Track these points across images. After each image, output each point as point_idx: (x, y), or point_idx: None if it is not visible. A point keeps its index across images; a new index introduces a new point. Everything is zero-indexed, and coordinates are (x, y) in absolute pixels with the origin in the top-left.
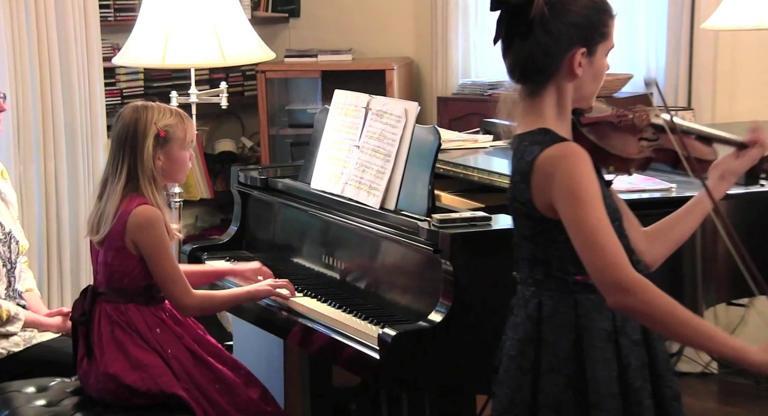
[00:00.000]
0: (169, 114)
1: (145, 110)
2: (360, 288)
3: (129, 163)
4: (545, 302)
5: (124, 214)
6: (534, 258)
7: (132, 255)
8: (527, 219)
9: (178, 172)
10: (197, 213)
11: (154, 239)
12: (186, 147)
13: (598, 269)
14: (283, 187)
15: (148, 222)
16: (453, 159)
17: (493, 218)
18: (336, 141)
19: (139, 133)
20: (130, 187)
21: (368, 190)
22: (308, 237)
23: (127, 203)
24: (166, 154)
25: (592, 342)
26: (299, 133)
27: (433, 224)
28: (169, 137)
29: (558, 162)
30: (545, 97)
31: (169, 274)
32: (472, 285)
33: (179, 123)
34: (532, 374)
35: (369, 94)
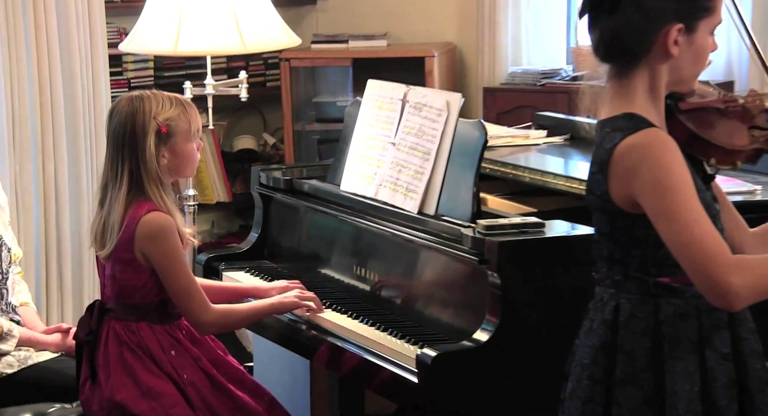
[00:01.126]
0: (168, 104)
1: (141, 102)
2: (396, 303)
3: (130, 165)
4: (623, 306)
5: (132, 223)
6: (611, 257)
7: (143, 268)
8: (603, 213)
9: (186, 167)
10: (213, 218)
11: (167, 250)
12: (192, 138)
13: (696, 268)
14: (309, 189)
15: (159, 231)
16: (501, 157)
17: (546, 224)
18: (369, 137)
19: (138, 131)
20: (135, 193)
21: (405, 192)
22: (338, 245)
23: (134, 211)
24: (170, 151)
25: (672, 352)
26: (327, 129)
27: (478, 231)
28: (171, 131)
29: (642, 151)
30: (635, 79)
31: (185, 288)
32: (523, 300)
33: (181, 113)
34: (605, 384)
35: (406, 85)
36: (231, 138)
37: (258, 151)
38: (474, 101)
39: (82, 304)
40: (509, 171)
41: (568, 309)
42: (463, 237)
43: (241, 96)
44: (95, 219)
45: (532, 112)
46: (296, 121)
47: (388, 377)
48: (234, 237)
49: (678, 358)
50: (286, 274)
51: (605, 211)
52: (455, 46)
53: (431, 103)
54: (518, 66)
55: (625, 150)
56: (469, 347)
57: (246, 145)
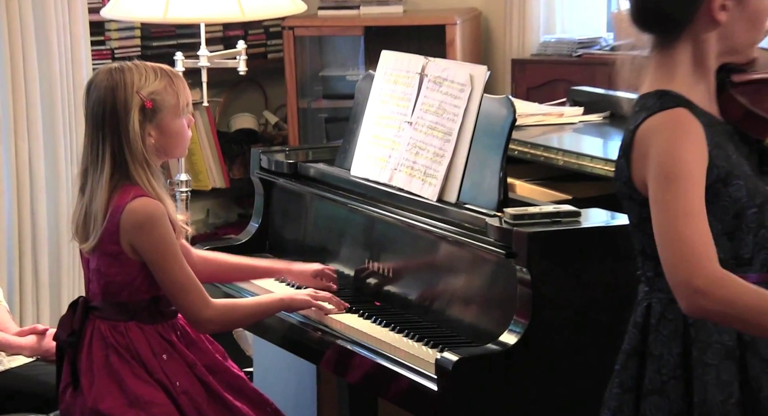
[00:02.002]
0: (153, 75)
1: (121, 75)
2: (412, 301)
3: (112, 145)
4: (654, 306)
5: (117, 212)
6: (643, 251)
7: (131, 262)
8: (631, 202)
9: (176, 146)
10: (209, 206)
11: (158, 240)
12: (181, 114)
13: (669, 264)
14: (316, 173)
15: (148, 219)
16: (531, 138)
17: (582, 213)
18: (383, 116)
19: (119, 107)
20: (119, 176)
21: (423, 177)
22: (347, 237)
23: (118, 197)
24: (157, 128)
25: (702, 358)
26: (336, 106)
27: (505, 220)
28: (157, 106)
29: (656, 133)
30: (677, 50)
31: (181, 282)
32: (556, 298)
33: (168, 85)
34: (634, 393)
35: (425, 56)
36: (228, 116)
37: (258, 131)
38: (501, 75)
39: (60, 303)
40: (540, 153)
41: (607, 309)
42: (488, 228)
43: (239, 69)
44: (76, 207)
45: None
46: (301, 98)
47: (404, 384)
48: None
49: (708, 366)
50: None
51: (632, 200)
52: (480, 13)
53: (453, 77)
54: (551, 34)
55: (644, 132)
56: (495, 351)
57: (245, 125)
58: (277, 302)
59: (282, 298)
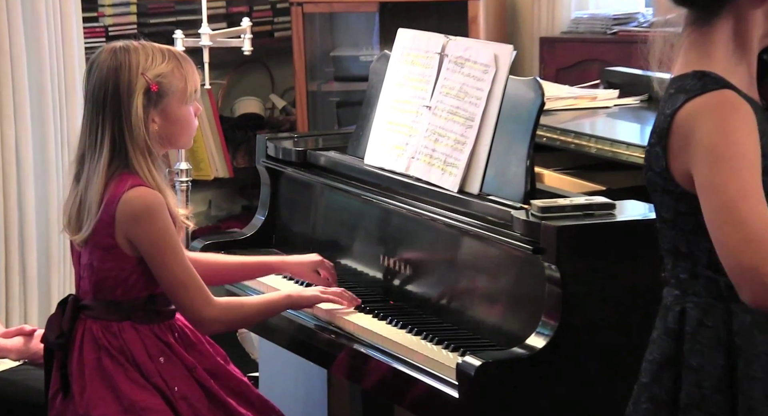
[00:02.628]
0: (160, 57)
1: (126, 55)
2: (431, 300)
3: (112, 130)
4: (690, 312)
5: (112, 201)
6: (676, 250)
7: (127, 257)
8: (665, 195)
9: (182, 134)
10: (210, 197)
11: (156, 233)
12: (188, 100)
13: (730, 249)
14: (326, 162)
15: (146, 210)
16: (561, 124)
17: (617, 205)
18: (399, 100)
19: (122, 89)
20: (118, 164)
21: (443, 166)
22: (361, 231)
23: (115, 186)
24: (162, 114)
25: (749, 370)
26: (349, 89)
27: (532, 213)
28: (164, 91)
29: (703, 115)
30: (716, 27)
31: (181, 279)
32: (588, 297)
33: (176, 69)
34: (668, 409)
35: (445, 35)
36: (231, 100)
37: (264, 116)
38: (528, 54)
39: (50, 302)
40: (571, 140)
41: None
42: (514, 221)
43: (243, 49)
44: (69, 197)
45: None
46: (311, 80)
47: (422, 391)
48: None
49: (756, 379)
50: None
51: (667, 192)
52: None
53: (475, 57)
54: (584, 10)
55: (686, 116)
56: (521, 355)
57: (250, 109)
58: (284, 299)
59: (289, 295)
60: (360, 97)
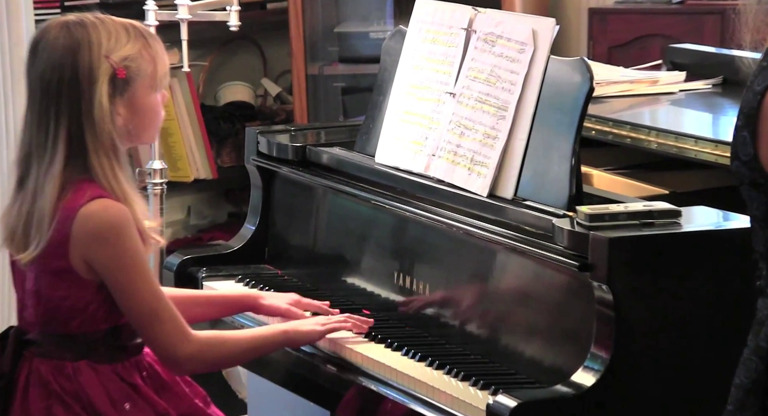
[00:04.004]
0: (125, 36)
1: (85, 32)
2: (455, 327)
3: (69, 125)
4: None
5: (68, 216)
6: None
7: (84, 282)
8: (753, 189)
9: (147, 127)
10: (190, 203)
11: (121, 254)
12: (157, 86)
13: None
14: (329, 160)
15: (109, 227)
16: (614, 113)
17: (684, 212)
18: (417, 85)
19: (82, 75)
20: (74, 167)
21: (470, 165)
22: (371, 243)
23: (72, 196)
24: (128, 105)
25: None
26: (356, 73)
27: (578, 222)
28: (131, 76)
29: None
30: None
31: (151, 309)
32: (646, 324)
33: (143, 48)
34: None
35: (473, 6)
36: (215, 85)
37: (255, 104)
38: (574, 29)
39: None
40: (627, 133)
41: (716, 338)
42: (556, 231)
43: (229, 24)
44: (11, 205)
45: (664, 45)
46: (311, 62)
47: None
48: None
49: None
50: (296, 285)
51: (756, 186)
52: None
53: (509, 33)
54: None
55: None
56: (566, 394)
57: (238, 97)
58: (279, 335)
59: (285, 330)
60: (370, 81)
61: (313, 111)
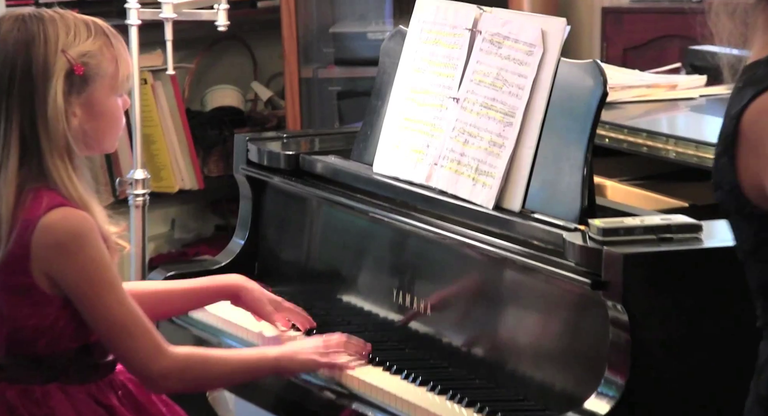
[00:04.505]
0: (85, 31)
1: (41, 26)
2: (459, 349)
3: (21, 125)
4: None
5: (27, 227)
6: (764, 287)
7: (48, 298)
8: (740, 219)
9: (107, 133)
10: (174, 215)
11: (86, 265)
12: (118, 89)
13: None
14: (324, 169)
15: (72, 237)
16: (630, 120)
17: (704, 227)
18: (418, 89)
19: (36, 70)
20: (29, 170)
21: (474, 175)
22: (368, 258)
23: (29, 206)
24: (85, 106)
25: None
26: (353, 76)
27: (590, 236)
28: (90, 75)
29: None
30: None
31: (122, 322)
32: (664, 346)
33: (105, 47)
34: None
35: (477, 5)
36: (202, 89)
37: (244, 110)
38: (587, 30)
39: None
40: (643, 141)
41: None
42: (567, 247)
43: (217, 23)
44: None
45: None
46: (304, 64)
47: None
48: (206, 245)
49: None
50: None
51: (742, 215)
52: None
53: (517, 34)
54: None
55: (756, 114)
56: None
57: (226, 102)
58: (271, 361)
59: (278, 357)
60: (367, 85)
61: (307, 117)
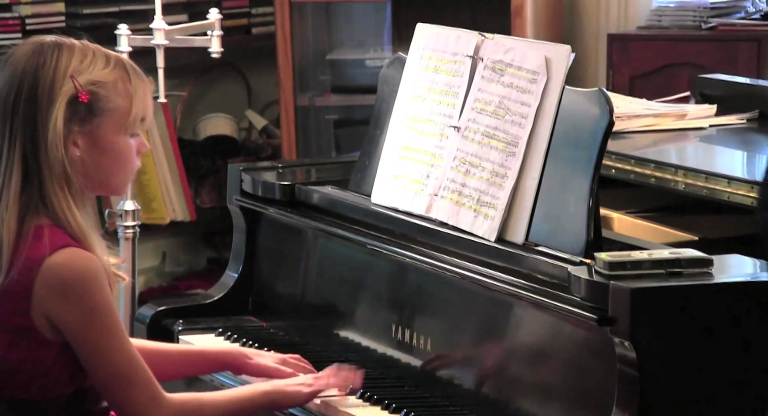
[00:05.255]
0: (102, 62)
1: (56, 52)
2: (460, 387)
3: (23, 148)
4: None
5: (30, 266)
6: None
7: (46, 342)
8: None
9: (114, 172)
10: (165, 247)
11: (91, 310)
12: (129, 128)
13: None
14: (321, 200)
15: (76, 281)
16: (637, 151)
17: (715, 261)
18: (418, 118)
19: (41, 92)
20: (29, 197)
21: (476, 207)
22: (366, 292)
23: (33, 243)
24: (89, 137)
25: None
26: (351, 104)
27: (597, 270)
28: (97, 105)
29: None
30: None
31: (122, 371)
32: (674, 385)
33: (120, 81)
34: None
35: (479, 32)
36: (195, 118)
37: (238, 139)
38: (592, 57)
39: None
40: (651, 172)
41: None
42: (572, 281)
43: (211, 50)
44: None
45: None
46: (300, 92)
47: None
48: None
49: None
50: (283, 339)
51: None
52: None
53: (520, 61)
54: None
55: None
56: None
57: (219, 130)
58: (262, 396)
59: (267, 391)
60: (365, 114)
61: (303, 146)
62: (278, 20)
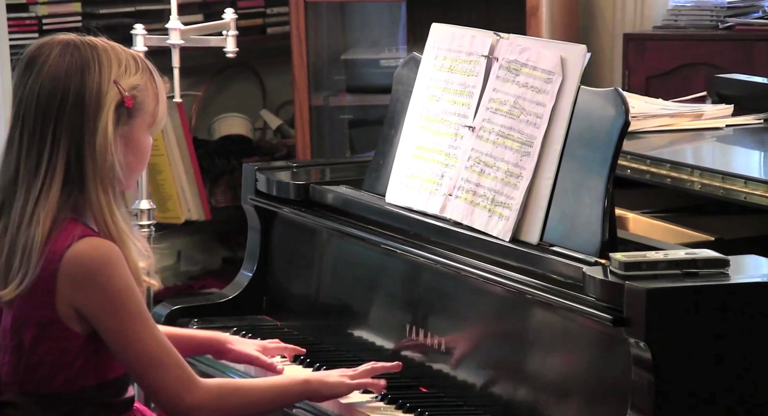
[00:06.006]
0: (134, 65)
1: (94, 52)
2: (474, 387)
3: (68, 153)
4: None
5: (52, 259)
6: None
7: (71, 334)
8: None
9: (134, 170)
10: (180, 247)
11: (115, 297)
12: (155, 126)
13: None
14: (335, 200)
15: (98, 268)
16: (653, 151)
17: (731, 262)
18: (433, 118)
19: (89, 97)
20: (66, 201)
21: (491, 206)
22: (380, 292)
23: (57, 237)
24: (124, 139)
25: None
26: (365, 104)
27: (612, 270)
28: (137, 109)
29: None
30: None
31: (153, 354)
32: (690, 387)
33: (149, 82)
34: None
35: (494, 32)
36: (210, 118)
37: (253, 138)
38: (608, 57)
39: None
40: (666, 173)
41: None
42: (587, 281)
43: (226, 50)
44: None
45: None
46: (315, 92)
47: None
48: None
49: None
50: (297, 338)
51: None
52: None
53: (535, 61)
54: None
55: None
56: None
57: (234, 130)
58: (300, 385)
59: (307, 380)
60: (380, 113)
61: (317, 146)
62: (293, 20)
